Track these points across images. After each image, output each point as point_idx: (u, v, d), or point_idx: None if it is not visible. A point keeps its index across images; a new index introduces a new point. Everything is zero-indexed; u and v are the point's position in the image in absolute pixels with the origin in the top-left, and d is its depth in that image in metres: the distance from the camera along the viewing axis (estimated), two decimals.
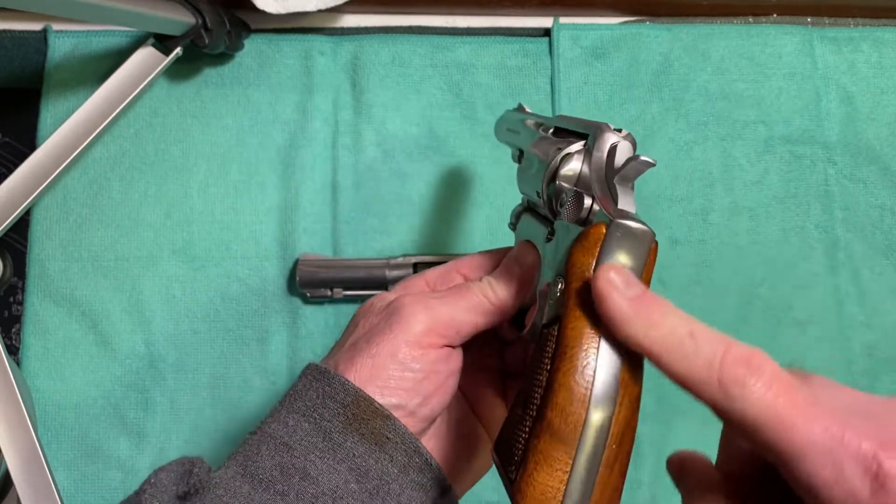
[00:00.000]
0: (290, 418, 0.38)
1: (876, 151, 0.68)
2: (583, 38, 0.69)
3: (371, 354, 0.38)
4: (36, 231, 0.65)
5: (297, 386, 0.40)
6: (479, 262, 0.44)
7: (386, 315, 0.40)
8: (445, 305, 0.39)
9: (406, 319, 0.39)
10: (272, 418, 0.38)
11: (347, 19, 0.70)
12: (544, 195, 0.39)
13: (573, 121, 0.41)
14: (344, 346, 0.40)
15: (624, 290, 0.30)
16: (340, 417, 0.37)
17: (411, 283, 0.44)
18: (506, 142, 0.50)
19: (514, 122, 0.48)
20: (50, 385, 0.62)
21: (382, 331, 0.39)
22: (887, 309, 0.65)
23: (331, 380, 0.38)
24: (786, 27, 0.70)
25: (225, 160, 0.66)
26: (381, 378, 0.38)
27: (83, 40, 0.68)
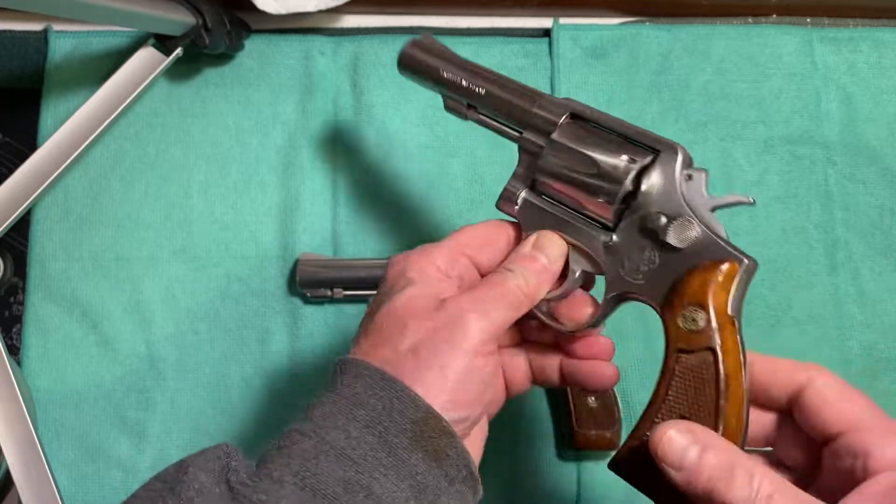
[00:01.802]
0: (352, 428, 0.36)
1: (876, 152, 0.68)
2: (583, 38, 0.69)
3: (440, 367, 0.37)
4: (36, 231, 0.65)
5: (354, 388, 0.37)
6: (480, 240, 0.43)
7: (446, 323, 0.38)
8: (495, 309, 0.39)
9: (468, 330, 0.37)
10: (329, 424, 0.36)
11: (347, 20, 0.71)
12: (614, 205, 0.40)
13: (630, 128, 0.42)
14: (398, 348, 0.38)
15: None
16: (408, 434, 0.35)
17: (425, 269, 0.41)
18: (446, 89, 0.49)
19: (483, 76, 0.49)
20: (50, 385, 0.62)
21: (446, 341, 0.37)
22: (887, 309, 0.65)
23: (400, 392, 0.36)
24: (785, 27, 0.70)
25: (225, 160, 0.66)
26: (452, 394, 0.37)
27: (83, 40, 0.68)
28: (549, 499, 0.62)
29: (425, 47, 0.49)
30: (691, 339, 0.37)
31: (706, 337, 0.37)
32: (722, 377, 0.37)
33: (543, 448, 0.62)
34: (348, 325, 0.64)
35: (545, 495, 0.62)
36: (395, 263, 0.42)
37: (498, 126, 0.46)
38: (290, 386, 0.63)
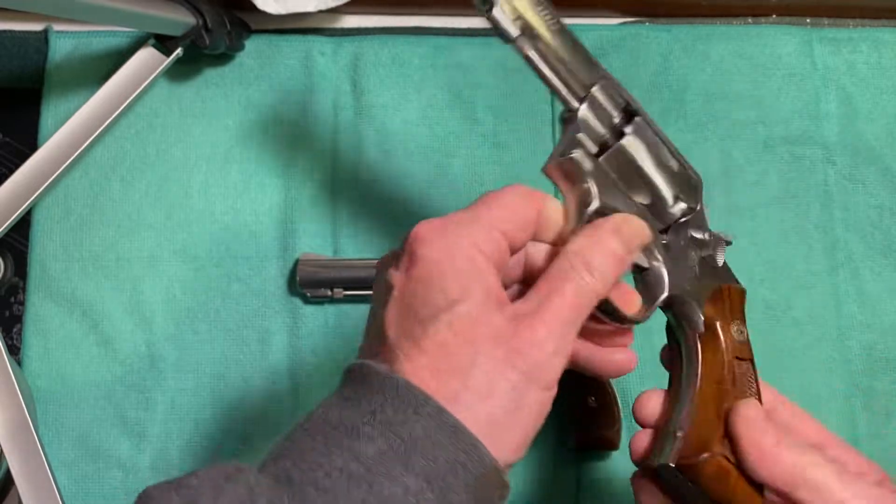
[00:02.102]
0: (411, 480, 0.30)
1: (875, 152, 0.68)
2: (582, 38, 0.68)
3: (516, 408, 0.33)
4: (37, 231, 0.65)
5: (413, 428, 0.31)
6: (516, 216, 0.37)
7: (522, 357, 0.33)
8: (571, 330, 0.34)
9: (547, 367, 0.33)
10: (383, 470, 0.30)
11: (348, 20, 0.71)
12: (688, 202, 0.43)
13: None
14: (468, 384, 0.32)
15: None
16: (470, 490, 0.31)
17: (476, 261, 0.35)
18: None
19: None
20: (51, 385, 0.62)
21: (523, 380, 0.33)
22: (886, 309, 0.65)
23: (468, 446, 0.31)
24: (785, 28, 0.71)
25: (225, 160, 0.67)
26: (523, 438, 0.34)
27: (84, 41, 0.68)
28: (549, 499, 0.62)
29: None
30: (743, 350, 0.41)
31: (749, 348, 0.41)
32: (756, 380, 0.41)
33: (543, 448, 0.62)
34: (348, 325, 0.64)
35: (545, 495, 0.62)
36: (427, 242, 0.36)
37: (553, 78, 0.40)
38: (290, 386, 0.63)
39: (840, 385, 0.64)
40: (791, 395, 0.64)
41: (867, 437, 0.63)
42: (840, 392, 0.64)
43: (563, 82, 0.39)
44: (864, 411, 0.63)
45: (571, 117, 0.39)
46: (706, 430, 0.38)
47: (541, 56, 0.39)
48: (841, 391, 0.64)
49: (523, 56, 0.39)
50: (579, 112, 0.39)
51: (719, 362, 0.40)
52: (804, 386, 0.64)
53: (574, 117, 0.39)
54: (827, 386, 0.64)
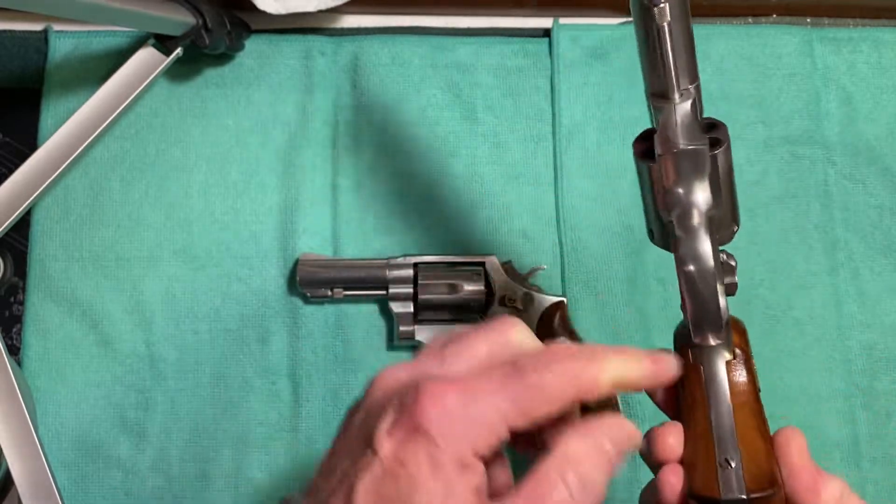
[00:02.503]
0: None
1: (875, 152, 0.68)
2: (583, 38, 0.69)
3: None
4: (36, 231, 0.65)
5: None
6: (551, 408, 0.31)
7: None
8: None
9: None
10: None
11: (347, 20, 0.71)
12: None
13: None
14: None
15: None
16: None
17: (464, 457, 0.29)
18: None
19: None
20: (50, 385, 0.62)
21: None
22: (886, 309, 0.65)
23: None
24: (785, 27, 0.71)
25: (225, 160, 0.67)
26: None
27: (84, 40, 0.68)
28: None
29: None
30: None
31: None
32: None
33: None
34: (348, 325, 0.64)
35: None
36: (441, 423, 0.29)
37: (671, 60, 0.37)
38: (290, 386, 0.63)
39: (840, 385, 0.64)
40: (791, 395, 0.64)
41: (867, 437, 0.63)
42: (840, 392, 0.64)
43: (675, 68, 0.36)
44: (864, 411, 0.63)
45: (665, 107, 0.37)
46: (764, 461, 0.36)
47: (669, 33, 0.35)
48: (841, 391, 0.64)
49: (652, 26, 0.35)
50: (677, 106, 0.37)
51: (752, 389, 0.38)
52: (804, 386, 0.64)
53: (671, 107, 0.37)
54: (827, 386, 0.64)
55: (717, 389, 0.37)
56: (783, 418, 0.64)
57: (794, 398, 0.64)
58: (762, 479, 0.36)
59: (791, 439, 0.37)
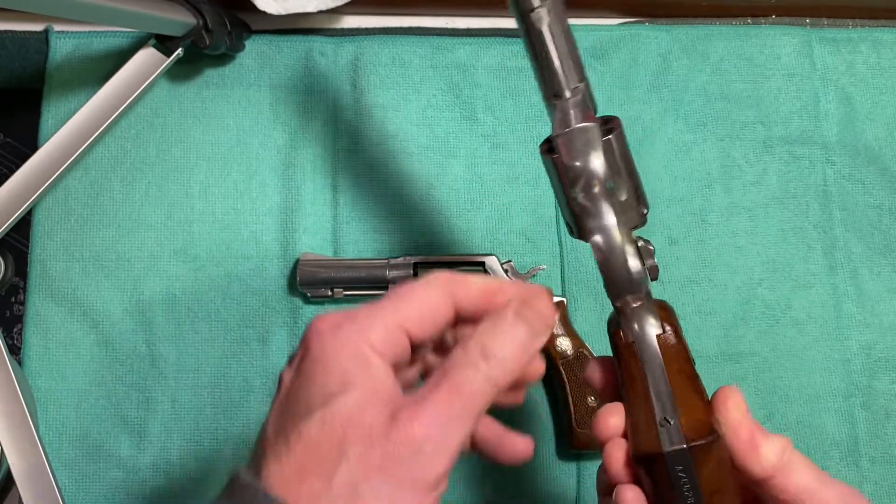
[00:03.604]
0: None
1: (874, 152, 0.68)
2: (582, 38, 0.69)
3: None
4: (37, 231, 0.65)
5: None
6: (425, 312, 0.35)
7: (397, 455, 0.31)
8: (460, 429, 0.32)
9: (426, 465, 0.31)
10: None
11: (348, 20, 0.71)
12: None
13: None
14: (332, 480, 0.31)
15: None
16: None
17: (364, 355, 0.33)
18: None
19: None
20: (51, 385, 0.62)
21: (397, 479, 0.31)
22: (885, 309, 0.66)
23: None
24: (784, 28, 0.71)
25: (226, 161, 0.67)
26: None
27: (84, 41, 0.68)
28: (549, 499, 0.62)
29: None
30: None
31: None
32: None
33: (543, 448, 0.63)
34: None
35: (545, 495, 0.62)
36: (319, 336, 0.34)
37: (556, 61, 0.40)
38: None
39: (839, 385, 0.64)
40: (790, 394, 0.64)
41: (866, 437, 0.63)
42: (840, 392, 0.64)
43: (561, 68, 0.39)
44: (864, 411, 0.64)
45: (559, 104, 0.40)
46: (702, 415, 0.39)
47: (551, 34, 0.39)
48: (840, 391, 0.64)
49: (534, 31, 0.39)
50: (570, 101, 0.40)
51: (685, 358, 0.40)
52: (803, 386, 0.64)
53: (564, 104, 0.40)
54: (826, 385, 0.64)
55: (650, 359, 0.39)
56: (782, 418, 0.64)
57: (794, 398, 0.64)
58: (701, 429, 0.38)
59: (728, 397, 0.38)
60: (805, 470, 0.37)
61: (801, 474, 0.37)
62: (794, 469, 0.37)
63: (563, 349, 0.61)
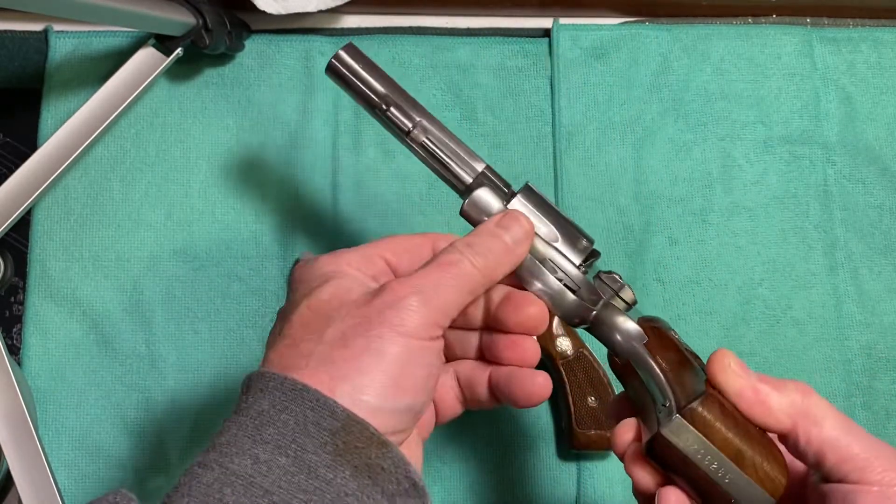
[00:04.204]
0: (261, 451, 0.31)
1: (875, 152, 0.68)
2: (582, 38, 0.70)
3: (377, 351, 0.33)
4: (37, 231, 0.65)
5: (259, 405, 0.32)
6: (401, 246, 0.39)
7: (380, 309, 0.34)
8: (443, 293, 0.35)
9: (407, 314, 0.34)
10: (233, 450, 0.31)
11: (348, 20, 0.71)
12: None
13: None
14: (323, 339, 0.33)
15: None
16: (329, 447, 0.31)
17: (340, 265, 0.37)
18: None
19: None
20: (51, 385, 0.62)
21: (380, 324, 0.33)
22: (886, 309, 0.65)
23: (314, 402, 0.31)
24: (785, 28, 0.71)
25: (226, 160, 0.67)
26: (394, 378, 0.33)
27: (84, 41, 0.68)
28: (549, 499, 0.62)
29: (366, 63, 0.44)
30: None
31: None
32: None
33: (543, 448, 0.62)
34: None
35: (545, 495, 0.62)
36: (301, 268, 0.38)
37: (439, 169, 0.44)
38: None
39: (840, 385, 0.64)
40: None
41: None
42: (840, 392, 0.64)
43: (457, 163, 0.42)
44: (864, 411, 0.64)
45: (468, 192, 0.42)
46: (690, 384, 0.39)
47: (434, 142, 0.43)
48: (841, 391, 0.64)
49: (417, 145, 0.43)
50: (476, 191, 0.42)
51: (680, 359, 0.41)
52: None
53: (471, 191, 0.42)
54: (827, 386, 0.64)
55: (646, 366, 0.40)
56: None
57: None
58: (693, 396, 0.38)
59: (719, 363, 0.38)
60: (827, 419, 0.36)
61: (822, 424, 0.36)
62: (815, 419, 0.36)
63: (563, 349, 0.61)
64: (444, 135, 0.43)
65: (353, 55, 0.43)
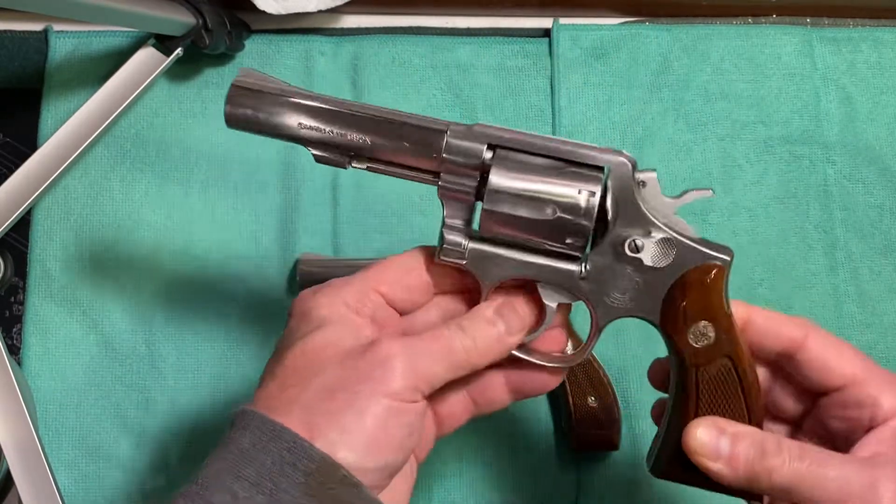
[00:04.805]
0: (239, 488, 0.33)
1: (875, 152, 0.68)
2: (582, 38, 0.70)
3: (358, 410, 0.34)
4: (37, 231, 0.65)
5: (241, 443, 0.34)
6: (392, 275, 0.39)
7: (369, 365, 0.35)
8: (429, 362, 0.36)
9: (391, 374, 0.35)
10: (215, 485, 0.33)
11: (348, 20, 0.71)
12: (584, 240, 0.37)
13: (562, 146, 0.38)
14: (310, 387, 0.35)
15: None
16: (303, 487, 0.33)
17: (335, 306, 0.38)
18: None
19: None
20: (51, 385, 0.62)
21: (366, 382, 0.35)
22: (886, 309, 0.65)
23: (291, 444, 0.33)
24: (785, 27, 0.71)
25: (225, 160, 0.67)
26: (371, 439, 0.34)
27: (84, 41, 0.68)
28: (549, 499, 0.62)
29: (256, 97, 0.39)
30: (708, 353, 0.38)
31: (720, 346, 0.38)
32: (742, 377, 0.39)
33: (543, 448, 0.62)
34: None
35: (545, 495, 0.62)
36: (301, 301, 0.39)
37: (400, 172, 0.40)
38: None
39: None
40: None
41: None
42: None
43: (416, 170, 0.39)
44: None
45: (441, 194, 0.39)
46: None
47: (380, 163, 0.39)
48: None
49: (360, 169, 0.40)
50: (438, 192, 0.39)
51: (682, 373, 0.39)
52: None
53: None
54: None
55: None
56: None
57: None
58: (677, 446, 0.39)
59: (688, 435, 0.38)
60: (823, 342, 0.40)
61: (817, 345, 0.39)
62: (812, 342, 0.39)
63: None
64: (385, 140, 0.38)
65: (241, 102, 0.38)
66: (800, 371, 0.40)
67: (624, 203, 0.38)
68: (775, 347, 0.40)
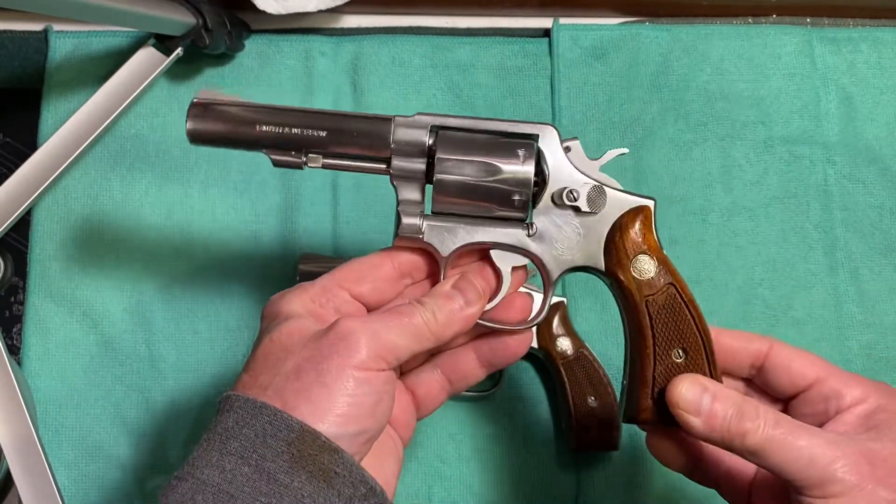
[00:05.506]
0: (227, 462, 0.35)
1: (875, 151, 0.68)
2: (582, 38, 0.70)
3: (325, 384, 0.36)
4: (37, 231, 0.65)
5: (225, 423, 0.37)
6: (357, 272, 0.42)
7: (332, 342, 0.38)
8: (390, 333, 0.38)
9: (354, 346, 0.37)
10: (202, 461, 0.36)
11: (348, 20, 0.71)
12: (527, 196, 0.42)
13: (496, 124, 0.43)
14: (280, 371, 0.38)
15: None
16: (285, 456, 0.35)
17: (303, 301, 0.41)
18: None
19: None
20: (51, 385, 0.62)
21: (330, 357, 0.37)
22: (886, 309, 0.65)
23: (271, 417, 0.36)
24: (785, 27, 0.71)
25: (225, 160, 0.67)
26: (341, 408, 0.36)
27: (84, 40, 0.68)
28: (550, 499, 0.62)
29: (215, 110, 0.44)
30: (652, 283, 0.43)
31: (662, 276, 0.43)
32: (689, 302, 0.43)
33: (543, 448, 0.62)
34: None
35: (545, 495, 0.62)
36: (270, 304, 0.42)
37: (354, 165, 0.43)
38: None
39: None
40: None
41: None
42: None
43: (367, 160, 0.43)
44: None
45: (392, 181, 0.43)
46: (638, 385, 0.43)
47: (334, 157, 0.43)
48: None
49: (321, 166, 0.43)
50: (391, 178, 0.43)
51: (633, 311, 0.43)
52: None
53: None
54: None
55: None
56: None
57: None
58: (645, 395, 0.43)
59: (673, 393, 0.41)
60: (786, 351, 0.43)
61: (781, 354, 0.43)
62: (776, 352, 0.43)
63: (563, 349, 0.61)
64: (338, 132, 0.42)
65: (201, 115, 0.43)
66: (770, 380, 0.44)
67: (555, 163, 0.43)
68: (746, 361, 0.44)
